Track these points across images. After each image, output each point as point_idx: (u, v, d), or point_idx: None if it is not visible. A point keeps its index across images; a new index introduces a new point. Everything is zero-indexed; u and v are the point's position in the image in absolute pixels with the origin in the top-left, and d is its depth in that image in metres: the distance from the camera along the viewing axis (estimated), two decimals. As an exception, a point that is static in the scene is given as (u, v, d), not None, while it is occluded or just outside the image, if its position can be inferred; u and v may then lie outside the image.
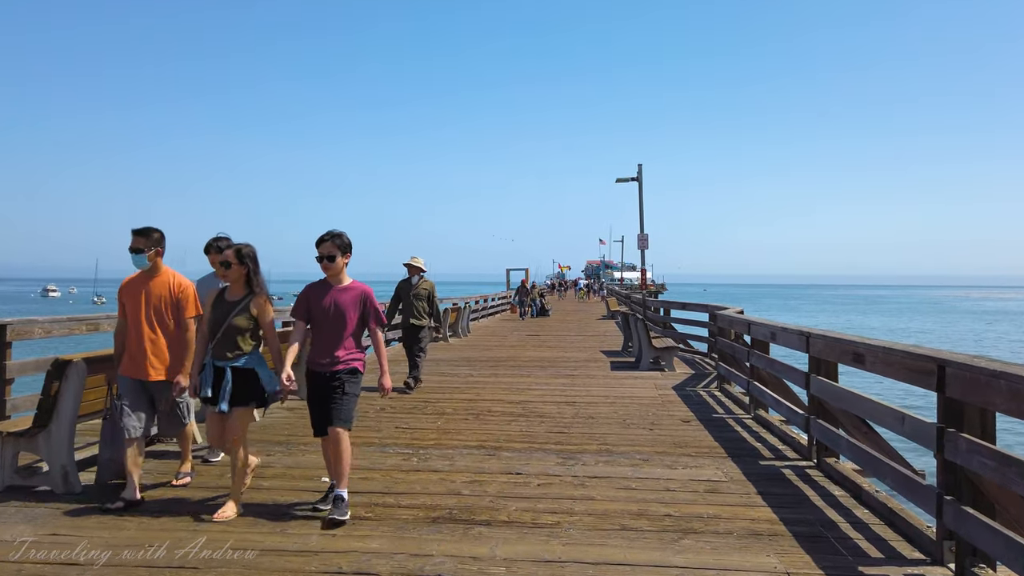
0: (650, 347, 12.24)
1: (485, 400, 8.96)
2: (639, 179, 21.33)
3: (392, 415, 7.88)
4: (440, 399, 9.04)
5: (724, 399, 9.21)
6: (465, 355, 14.91)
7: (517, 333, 21.69)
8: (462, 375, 11.49)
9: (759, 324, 7.62)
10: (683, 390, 9.99)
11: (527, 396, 9.29)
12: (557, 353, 15.35)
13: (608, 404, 8.72)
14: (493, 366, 12.82)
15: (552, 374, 11.66)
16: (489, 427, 7.23)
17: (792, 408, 6.45)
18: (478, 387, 10.10)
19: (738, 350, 8.92)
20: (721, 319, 10.03)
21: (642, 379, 11.12)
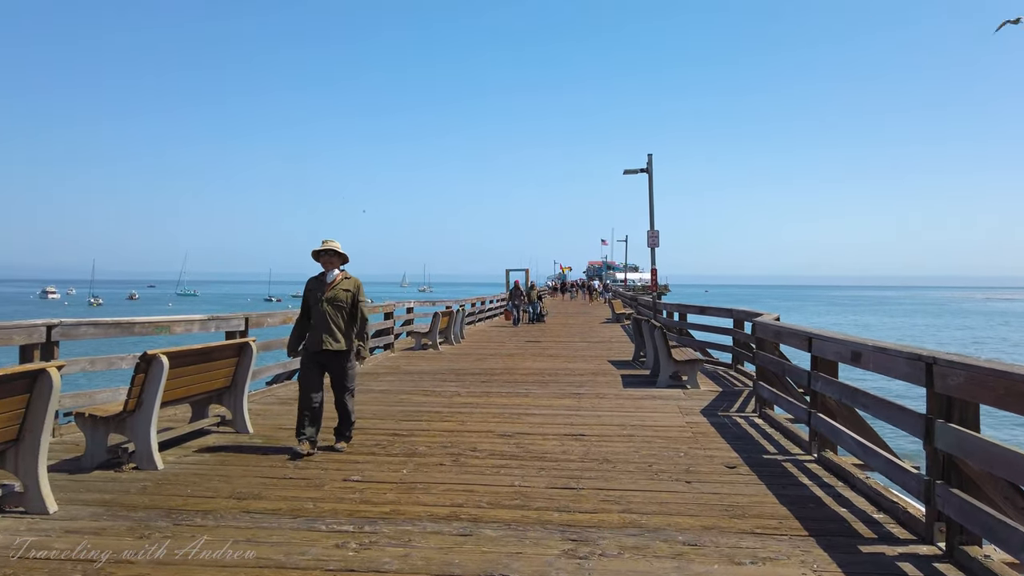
0: (670, 360, 10.39)
1: (470, 432, 7.11)
2: (648, 170, 19.52)
3: (346, 458, 6.03)
4: (414, 430, 7.19)
5: (769, 429, 7.36)
6: (455, 366, 13.07)
7: (515, 339, 19.84)
8: (447, 394, 9.64)
9: (829, 339, 5.77)
10: (715, 415, 8.14)
11: (523, 426, 7.45)
12: (559, 364, 13.50)
13: (625, 438, 6.87)
14: (485, 381, 10.97)
15: (554, 392, 9.81)
16: (471, 478, 5.39)
17: (895, 462, 4.59)
18: (464, 412, 8.25)
19: (789, 369, 7.08)
20: (762, 328, 8.18)
21: (662, 400, 9.27)
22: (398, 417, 7.91)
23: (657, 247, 19.02)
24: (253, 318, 8.78)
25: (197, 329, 7.86)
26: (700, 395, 9.68)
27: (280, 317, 9.82)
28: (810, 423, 6.17)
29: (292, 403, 8.69)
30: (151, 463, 5.46)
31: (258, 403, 8.68)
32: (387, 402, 8.96)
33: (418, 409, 8.43)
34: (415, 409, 8.43)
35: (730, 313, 12.49)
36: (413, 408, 8.50)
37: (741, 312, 11.99)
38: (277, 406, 8.53)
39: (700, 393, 9.85)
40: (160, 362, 5.48)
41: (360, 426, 7.33)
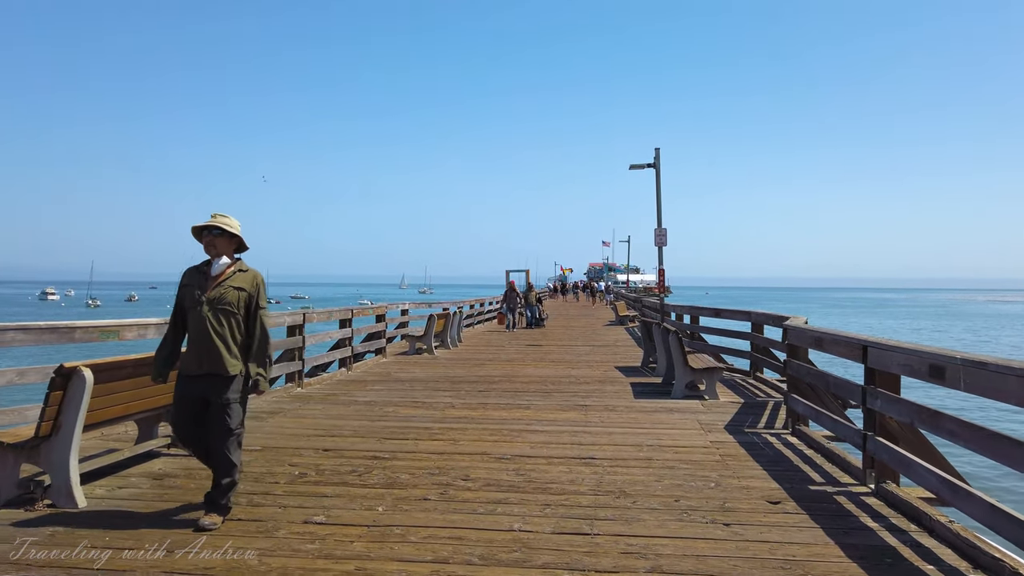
0: (686, 368, 9.41)
1: (463, 454, 6.13)
2: (656, 165, 18.53)
3: (312, 491, 5.04)
4: (398, 452, 6.21)
5: (808, 451, 6.38)
6: (450, 373, 12.08)
7: (515, 343, 18.84)
8: (440, 406, 8.66)
9: (894, 349, 4.78)
10: (741, 432, 7.16)
11: (524, 446, 6.47)
12: (563, 370, 12.51)
13: (643, 462, 5.89)
14: (482, 391, 9.99)
15: (558, 404, 8.83)
16: (460, 519, 4.41)
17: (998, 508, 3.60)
18: (457, 428, 7.26)
19: (835, 383, 6.09)
20: (796, 334, 7.20)
21: (679, 413, 8.28)
22: (381, 435, 6.92)
23: (665, 245, 18.04)
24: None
25: (153, 334, 6.86)
26: (720, 407, 8.70)
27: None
28: (865, 447, 5.18)
29: (265, 417, 7.73)
30: (70, 500, 4.46)
31: (225, 417, 7.70)
32: (371, 415, 7.98)
33: (405, 425, 7.45)
34: (402, 425, 7.45)
35: (749, 316, 11.50)
36: (399, 424, 7.52)
37: (762, 315, 11.02)
38: (247, 420, 7.53)
39: (720, 405, 8.87)
40: (82, 377, 4.47)
41: (335, 447, 6.35)
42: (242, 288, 4.37)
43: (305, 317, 10.16)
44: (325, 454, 6.09)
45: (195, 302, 4.29)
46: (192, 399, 4.28)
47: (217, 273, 4.37)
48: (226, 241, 4.41)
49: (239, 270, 4.44)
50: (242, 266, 4.48)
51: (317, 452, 6.16)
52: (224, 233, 4.40)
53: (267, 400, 8.85)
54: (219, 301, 4.28)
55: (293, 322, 9.90)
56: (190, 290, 4.34)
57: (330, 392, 9.76)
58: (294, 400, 8.99)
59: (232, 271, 4.41)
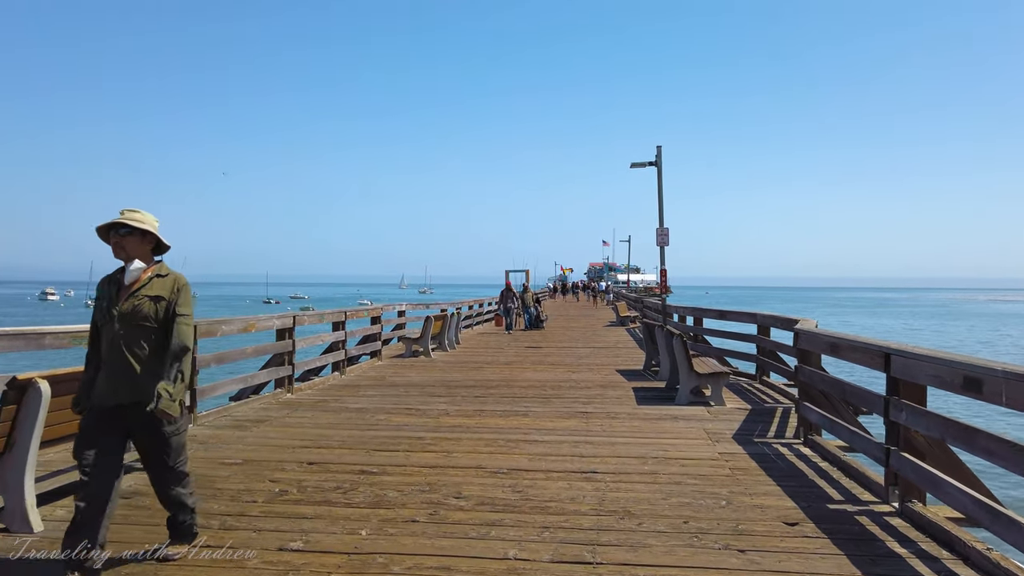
0: (691, 373, 9.03)
1: (456, 468, 5.76)
2: (657, 163, 18.16)
3: (292, 508, 4.67)
4: (387, 465, 5.84)
5: (823, 464, 6.01)
6: (447, 377, 11.71)
7: (514, 345, 18.47)
8: (434, 413, 8.29)
9: (921, 358, 4.40)
10: (751, 442, 6.79)
11: (521, 458, 6.10)
12: (563, 374, 12.14)
13: (648, 476, 5.52)
14: (479, 396, 9.62)
15: (558, 411, 8.45)
16: (450, 545, 4.04)
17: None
18: (451, 438, 6.89)
19: (853, 392, 5.71)
20: (809, 338, 6.83)
21: (685, 421, 7.91)
22: (371, 446, 6.55)
23: (667, 245, 17.67)
24: (203, 325, 7.43)
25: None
26: (727, 414, 8.33)
27: (239, 324, 8.46)
28: (888, 463, 4.81)
29: (249, 426, 7.37)
30: (24, 524, 4.10)
31: (208, 426, 7.33)
32: (361, 424, 7.61)
33: (397, 435, 7.07)
34: (393, 435, 7.07)
35: (754, 318, 11.13)
36: (391, 433, 7.14)
37: (768, 317, 10.64)
38: (230, 430, 7.18)
39: (727, 412, 8.50)
40: (38, 389, 4.11)
41: (321, 459, 5.98)
42: (160, 297, 3.59)
43: (295, 320, 9.79)
44: (309, 468, 5.71)
45: (106, 318, 3.54)
46: (105, 430, 3.47)
47: (131, 281, 3.60)
48: (137, 241, 3.63)
49: (158, 275, 3.67)
50: (162, 270, 3.71)
51: (301, 466, 5.79)
52: (134, 232, 3.61)
53: (253, 408, 8.48)
54: (133, 315, 3.50)
55: (282, 325, 9.53)
56: (100, 304, 3.59)
57: (321, 398, 9.39)
58: (282, 407, 8.62)
59: (149, 277, 3.63)
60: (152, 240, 3.71)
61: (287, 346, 9.57)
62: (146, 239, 3.67)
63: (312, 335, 10.89)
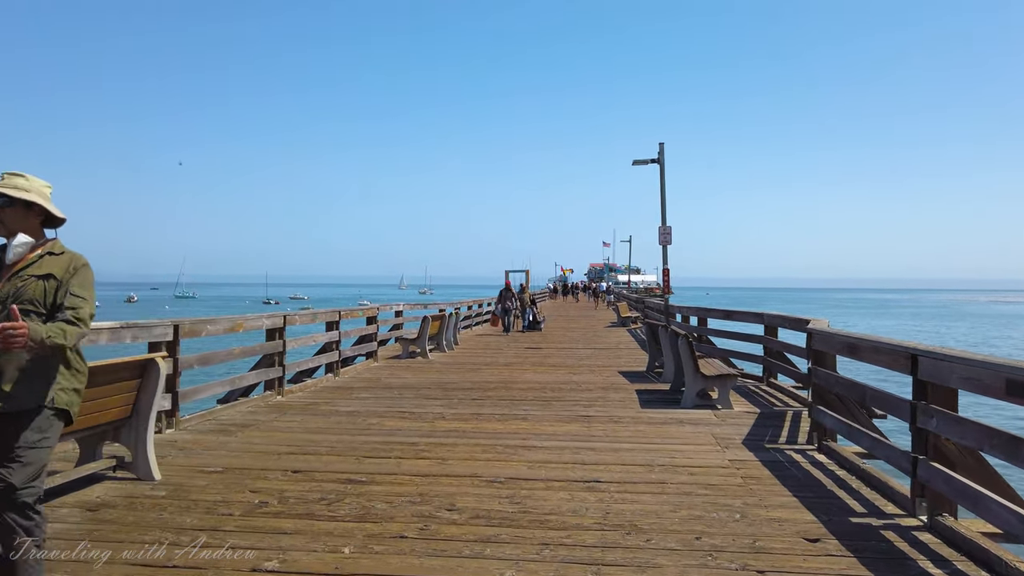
0: (697, 375, 8.67)
1: (450, 477, 5.40)
2: (660, 160, 17.82)
3: (271, 522, 4.31)
4: (376, 474, 5.47)
5: (840, 472, 5.65)
6: (443, 379, 11.36)
7: (513, 346, 18.11)
8: (429, 417, 7.93)
9: (954, 360, 4.04)
10: (762, 448, 6.44)
11: (520, 465, 5.74)
12: (563, 376, 11.78)
13: (655, 487, 5.16)
14: (477, 399, 9.26)
15: (558, 415, 8.10)
16: (441, 564, 3.67)
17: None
18: (447, 444, 6.53)
19: (875, 397, 5.34)
20: (823, 339, 6.48)
21: (691, 425, 7.56)
22: (361, 452, 6.20)
23: (669, 244, 17.32)
24: (186, 325, 7.07)
25: (105, 340, 6.14)
26: (735, 418, 7.97)
27: (225, 324, 8.10)
28: (916, 474, 4.45)
29: (234, 431, 7.02)
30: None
31: (191, 431, 6.98)
32: (352, 429, 7.25)
33: (388, 440, 6.72)
34: (385, 440, 6.72)
35: (761, 318, 10.77)
36: (383, 438, 6.79)
37: (776, 317, 10.29)
38: (213, 435, 6.83)
39: (735, 415, 8.14)
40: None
41: (307, 467, 5.63)
42: (51, 275, 2.94)
43: (286, 320, 9.43)
44: (293, 477, 5.36)
45: None
46: None
47: (14, 260, 2.95)
48: (20, 213, 2.97)
49: (50, 253, 3.02)
50: (56, 247, 3.06)
51: (285, 474, 5.43)
52: (15, 202, 2.95)
53: (240, 411, 8.12)
54: (15, 299, 2.84)
55: (272, 325, 9.16)
56: None
57: (311, 401, 9.03)
58: (271, 410, 8.26)
59: (38, 255, 2.99)
60: (40, 212, 3.05)
61: (277, 347, 9.21)
62: (32, 211, 3.02)
63: (305, 335, 10.54)
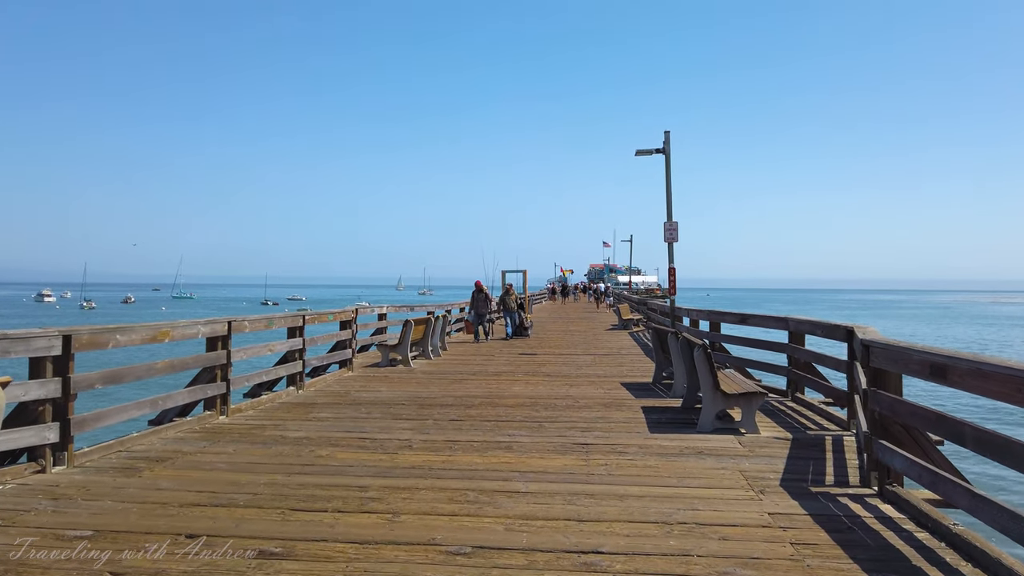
0: (716, 394, 7.23)
1: (399, 546, 3.97)
2: (665, 150, 16.41)
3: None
4: (300, 541, 4.04)
5: (923, 536, 4.22)
6: (422, 392, 9.93)
7: (506, 353, 16.64)
8: (392, 446, 6.51)
9: None
10: (807, 493, 5.01)
11: (495, 525, 4.32)
12: (559, 388, 10.35)
13: (676, 564, 3.73)
14: (456, 420, 7.84)
15: (550, 442, 6.68)
16: None
17: None
18: (405, 488, 5.10)
19: (980, 438, 3.91)
20: (886, 353, 5.04)
21: (713, 457, 6.13)
22: (292, 501, 4.77)
23: (676, 241, 15.90)
24: (83, 336, 5.64)
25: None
26: (764, 446, 6.56)
27: (143, 333, 6.65)
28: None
29: (143, 468, 5.62)
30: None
31: (87, 469, 5.55)
32: (293, 464, 5.82)
33: (333, 481, 5.29)
34: (329, 481, 5.29)
35: (785, 324, 9.34)
36: (327, 479, 5.36)
37: (804, 323, 8.85)
38: (112, 475, 5.40)
39: (763, 443, 6.72)
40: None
41: (210, 529, 4.20)
42: None
43: (231, 326, 8.00)
44: (182, 547, 3.93)
45: None
46: None
47: None
48: None
49: None
50: None
51: (174, 542, 4.00)
52: None
53: (162, 439, 6.70)
54: None
55: (212, 333, 7.72)
56: None
57: (258, 423, 7.60)
58: (202, 438, 6.83)
59: None
60: None
61: (219, 358, 7.78)
62: None
63: (260, 344, 9.11)
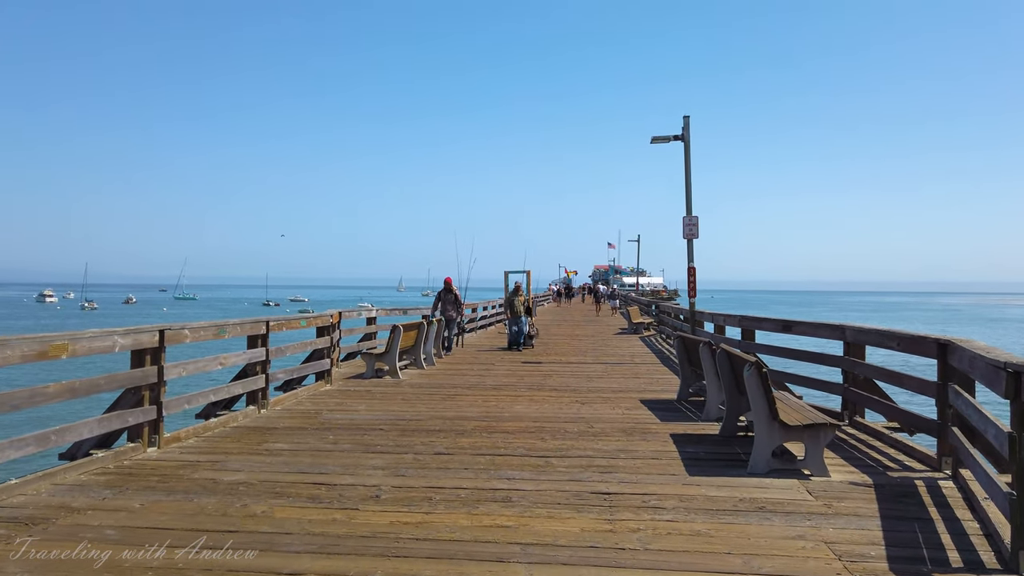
0: (774, 425, 5.63)
1: None
2: (684, 137, 14.81)
3: None
4: None
5: None
6: (405, 413, 8.35)
7: (506, 361, 15.01)
8: (353, 498, 4.92)
9: None
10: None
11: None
12: (569, 408, 8.75)
13: None
14: (443, 453, 6.25)
15: (561, 490, 5.09)
16: None
17: None
18: (358, 573, 3.54)
19: None
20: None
21: (779, 516, 4.54)
22: None
23: (696, 238, 14.30)
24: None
25: None
26: (844, 498, 4.95)
27: (28, 347, 5.05)
28: None
29: None
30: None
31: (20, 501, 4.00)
32: (205, 533, 4.19)
33: (247, 567, 3.69)
34: (242, 568, 3.70)
35: (842, 333, 7.72)
36: (241, 564, 3.76)
37: (868, 333, 7.23)
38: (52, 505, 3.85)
39: (839, 492, 5.12)
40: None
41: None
42: None
43: (164, 336, 6.42)
44: None
45: None
46: None
47: None
48: None
49: None
50: None
51: None
52: None
53: (58, 485, 5.09)
54: None
55: (136, 345, 6.13)
56: None
57: (191, 460, 6.01)
58: (109, 483, 5.24)
59: None
60: None
61: (146, 376, 6.21)
62: None
63: (208, 357, 7.52)
